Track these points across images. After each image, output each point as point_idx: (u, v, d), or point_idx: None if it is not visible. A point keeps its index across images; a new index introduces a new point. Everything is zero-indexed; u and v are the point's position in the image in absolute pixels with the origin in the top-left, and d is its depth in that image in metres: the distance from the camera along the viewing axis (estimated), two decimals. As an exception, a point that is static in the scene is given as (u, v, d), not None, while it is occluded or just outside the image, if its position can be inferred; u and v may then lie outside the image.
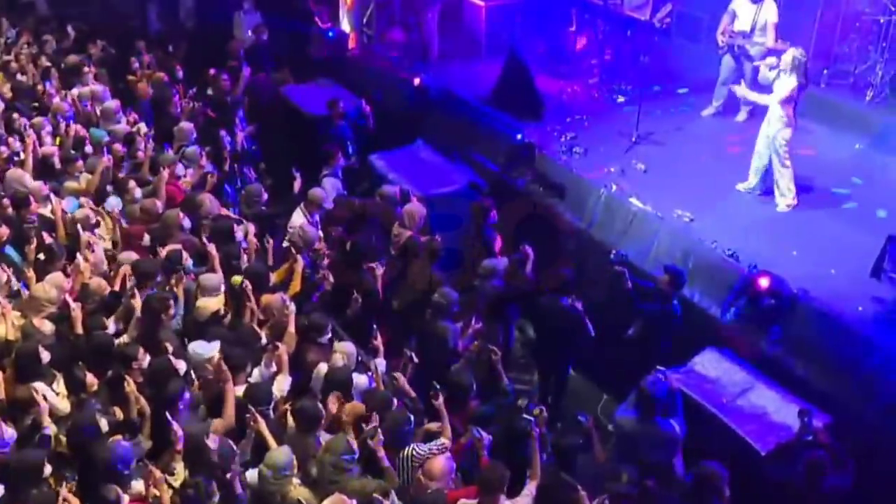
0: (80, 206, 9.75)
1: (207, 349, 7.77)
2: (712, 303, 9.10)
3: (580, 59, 13.60)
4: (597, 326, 9.55)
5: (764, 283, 8.66)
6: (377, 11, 14.46)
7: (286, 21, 14.55)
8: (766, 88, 10.19)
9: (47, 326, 7.94)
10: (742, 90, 10.57)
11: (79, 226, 9.30)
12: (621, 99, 12.81)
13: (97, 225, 9.58)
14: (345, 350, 7.93)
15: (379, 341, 8.23)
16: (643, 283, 8.69)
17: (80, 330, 7.91)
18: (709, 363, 8.47)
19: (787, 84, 9.82)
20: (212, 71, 12.53)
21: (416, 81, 12.40)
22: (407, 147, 11.82)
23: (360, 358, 8.04)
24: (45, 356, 7.42)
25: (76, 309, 7.98)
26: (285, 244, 9.70)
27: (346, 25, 14.95)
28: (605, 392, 9.55)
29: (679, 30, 13.50)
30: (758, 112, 11.91)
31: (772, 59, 10.15)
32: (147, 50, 13.88)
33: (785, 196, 10.24)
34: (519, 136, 11.12)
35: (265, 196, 10.28)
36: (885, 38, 12.12)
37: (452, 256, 9.83)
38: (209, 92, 12.36)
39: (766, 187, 10.36)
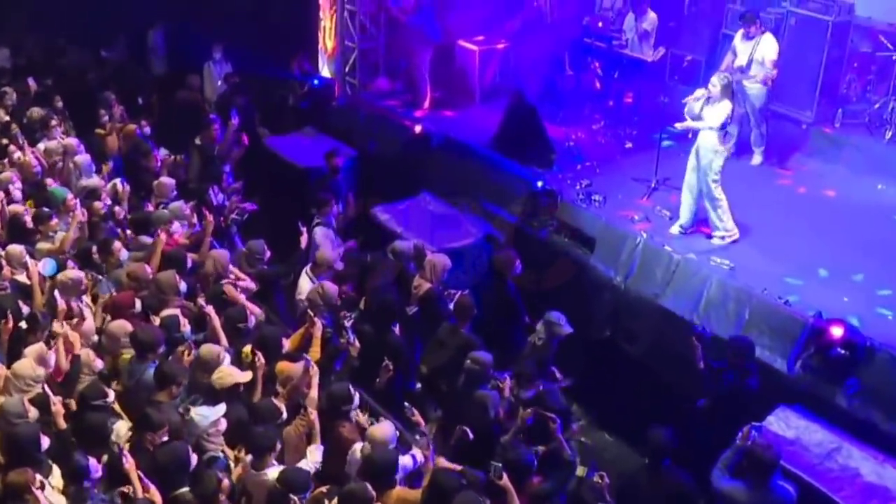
0: (60, 268, 8.70)
1: (212, 413, 6.89)
2: (776, 356, 8.33)
3: (578, 103, 12.93)
4: (645, 387, 8.88)
5: (837, 332, 7.93)
6: (360, 59, 13.65)
7: (261, 70, 13.69)
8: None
9: (32, 412, 6.80)
10: (682, 124, 9.86)
11: (56, 292, 8.23)
12: (629, 144, 12.15)
13: (86, 291, 8.51)
14: (384, 430, 6.93)
15: (418, 416, 7.33)
16: (716, 364, 7.87)
17: (62, 424, 6.83)
18: (784, 422, 7.67)
19: (720, 110, 9.39)
20: (211, 117, 11.53)
21: (417, 129, 11.58)
22: (412, 199, 10.96)
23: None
24: (45, 442, 6.44)
25: (57, 403, 6.89)
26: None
27: (326, 73, 14.12)
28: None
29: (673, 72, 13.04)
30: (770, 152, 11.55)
31: (700, 91, 9.63)
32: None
33: (718, 229, 9.73)
34: (540, 184, 10.31)
35: (268, 253, 9.29)
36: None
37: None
38: (197, 142, 11.35)
39: (698, 222, 9.93)
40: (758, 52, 11.12)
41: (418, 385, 8.69)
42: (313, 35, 14.27)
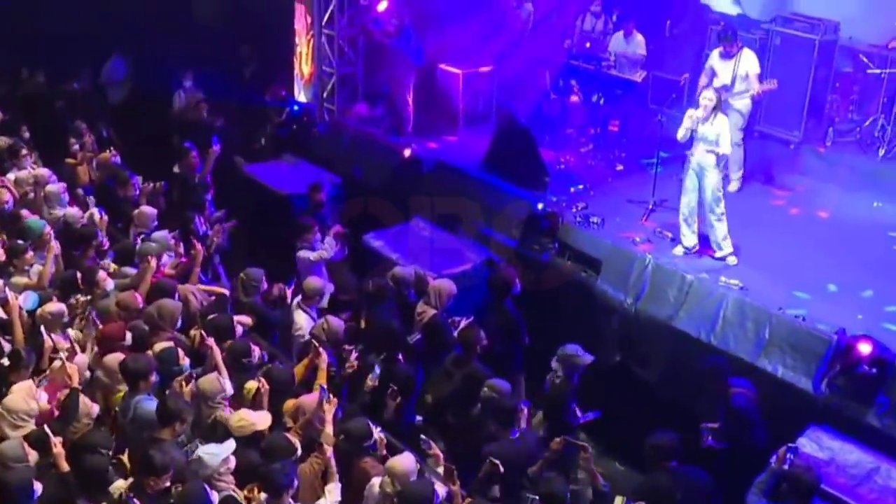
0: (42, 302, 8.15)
1: (221, 450, 6.38)
2: (800, 375, 8.06)
3: (565, 126, 12.69)
4: (659, 413, 8.55)
5: (865, 349, 7.69)
6: (339, 84, 13.26)
7: (235, 96, 13.27)
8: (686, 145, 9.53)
9: (32, 455, 6.31)
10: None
11: (42, 326, 7.70)
12: (620, 167, 11.90)
13: (70, 323, 7.99)
14: (405, 463, 6.50)
15: (436, 449, 6.93)
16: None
17: (65, 467, 6.33)
18: (816, 443, 7.38)
19: (720, 124, 9.25)
20: (186, 144, 11.06)
21: (407, 153, 11.21)
22: (404, 225, 10.58)
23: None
24: (38, 488, 5.99)
25: (57, 444, 6.39)
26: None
27: (302, 99, 13.71)
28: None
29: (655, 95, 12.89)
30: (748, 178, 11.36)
31: (691, 111, 9.43)
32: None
33: (722, 248, 9.53)
34: (540, 206, 9.98)
35: (265, 284, 8.83)
36: (885, 92, 11.72)
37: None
38: (176, 170, 10.86)
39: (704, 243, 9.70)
40: (740, 67, 10.91)
41: (418, 417, 8.27)
42: (288, 61, 13.87)
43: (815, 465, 7.05)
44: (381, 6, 12.63)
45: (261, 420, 6.88)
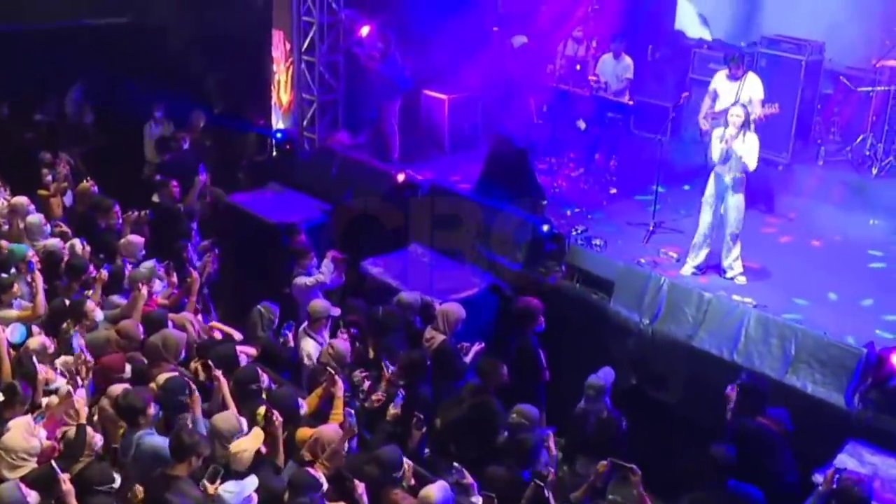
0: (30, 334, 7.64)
1: (242, 487, 5.98)
2: (830, 391, 7.82)
3: (554, 151, 12.49)
4: (679, 436, 8.26)
5: (897, 361, 7.50)
6: (319, 113, 12.91)
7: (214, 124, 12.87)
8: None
9: (32, 497, 5.81)
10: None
11: (34, 358, 7.19)
12: (614, 190, 11.70)
13: (57, 355, 7.49)
14: (439, 492, 6.11)
15: (469, 478, 6.52)
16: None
17: None
18: (857, 459, 7.16)
19: (755, 140, 9.27)
20: (157, 177, 10.61)
21: (401, 178, 10.86)
22: (401, 251, 10.22)
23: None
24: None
25: (66, 481, 5.91)
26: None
27: (280, 127, 13.32)
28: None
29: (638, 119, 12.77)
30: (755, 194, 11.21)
31: (720, 130, 9.42)
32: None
33: (733, 269, 9.46)
34: (546, 228, 9.69)
35: (277, 320, 8.44)
36: (874, 111, 11.72)
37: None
38: (155, 199, 10.38)
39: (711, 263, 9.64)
40: (744, 92, 10.82)
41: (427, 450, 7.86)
42: (263, 90, 13.49)
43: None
44: (364, 31, 12.35)
45: (251, 441, 6.41)
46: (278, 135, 12.66)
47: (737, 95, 10.80)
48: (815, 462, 7.19)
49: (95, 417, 6.93)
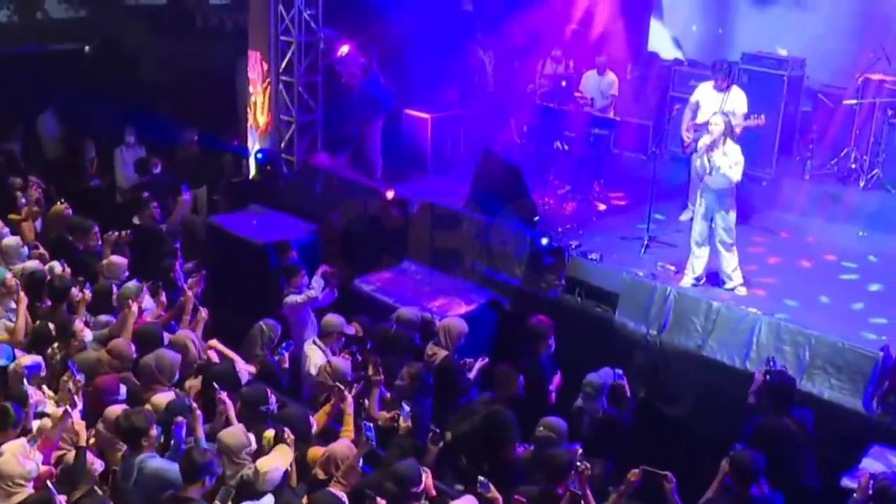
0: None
1: None
2: (847, 395, 7.71)
3: (533, 170, 12.30)
4: (691, 450, 8.03)
5: (918, 364, 7.39)
6: (298, 134, 12.63)
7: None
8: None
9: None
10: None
11: (24, 380, 6.79)
12: (602, 207, 11.56)
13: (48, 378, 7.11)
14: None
15: (494, 492, 6.24)
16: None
17: None
18: (883, 462, 7.00)
19: (736, 150, 9.05)
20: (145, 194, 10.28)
21: (390, 195, 10.59)
22: (395, 268, 9.94)
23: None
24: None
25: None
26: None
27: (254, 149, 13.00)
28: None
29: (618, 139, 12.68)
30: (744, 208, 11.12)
31: (706, 138, 9.14)
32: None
33: (732, 279, 9.26)
34: (545, 241, 9.47)
35: (276, 339, 8.16)
36: (858, 124, 11.76)
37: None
38: (135, 221, 9.99)
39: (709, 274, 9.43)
40: (728, 104, 10.78)
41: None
42: (240, 112, 13.20)
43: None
44: (343, 50, 12.15)
45: (281, 459, 6.09)
46: (258, 155, 12.32)
47: (720, 108, 10.74)
48: (836, 468, 7.07)
49: (91, 441, 6.53)
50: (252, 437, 6.38)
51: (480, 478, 6.29)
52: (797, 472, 6.97)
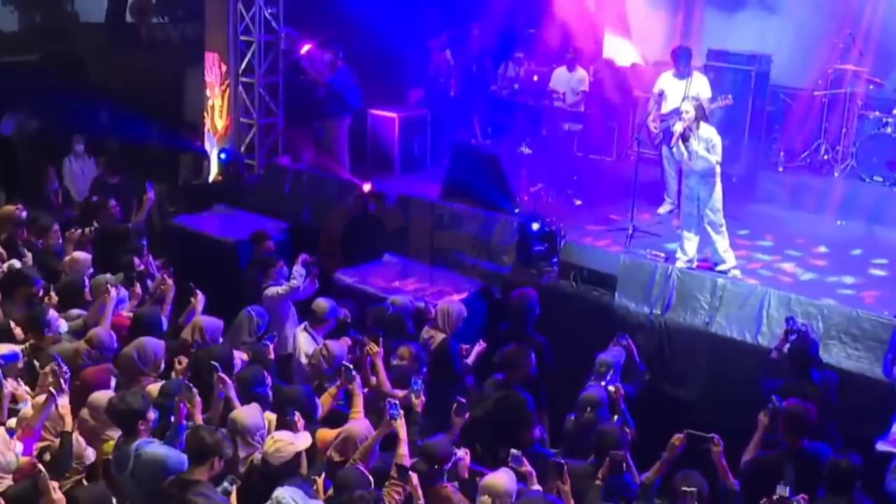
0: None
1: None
2: (864, 364, 7.48)
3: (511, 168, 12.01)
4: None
5: (934, 329, 7.22)
6: (259, 136, 12.12)
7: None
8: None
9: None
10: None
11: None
12: (579, 202, 11.29)
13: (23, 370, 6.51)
14: (504, 480, 5.60)
15: (527, 466, 5.91)
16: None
17: None
18: (913, 426, 6.77)
19: (711, 131, 8.94)
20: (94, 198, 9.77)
21: (367, 188, 10.15)
22: (376, 262, 9.49)
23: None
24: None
25: (56, 490, 5.08)
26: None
27: (214, 154, 12.45)
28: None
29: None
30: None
31: (679, 126, 8.95)
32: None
33: (725, 262, 9.09)
34: (536, 226, 9.12)
35: (263, 329, 7.76)
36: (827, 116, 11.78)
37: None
38: (95, 224, 9.39)
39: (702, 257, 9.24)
40: (692, 89, 10.64)
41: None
42: (196, 116, 12.65)
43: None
44: (307, 47, 11.74)
45: (300, 440, 5.68)
46: (222, 155, 11.75)
47: (684, 94, 10.55)
48: (860, 436, 6.83)
49: (75, 433, 5.91)
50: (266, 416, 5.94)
51: (513, 450, 5.90)
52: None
